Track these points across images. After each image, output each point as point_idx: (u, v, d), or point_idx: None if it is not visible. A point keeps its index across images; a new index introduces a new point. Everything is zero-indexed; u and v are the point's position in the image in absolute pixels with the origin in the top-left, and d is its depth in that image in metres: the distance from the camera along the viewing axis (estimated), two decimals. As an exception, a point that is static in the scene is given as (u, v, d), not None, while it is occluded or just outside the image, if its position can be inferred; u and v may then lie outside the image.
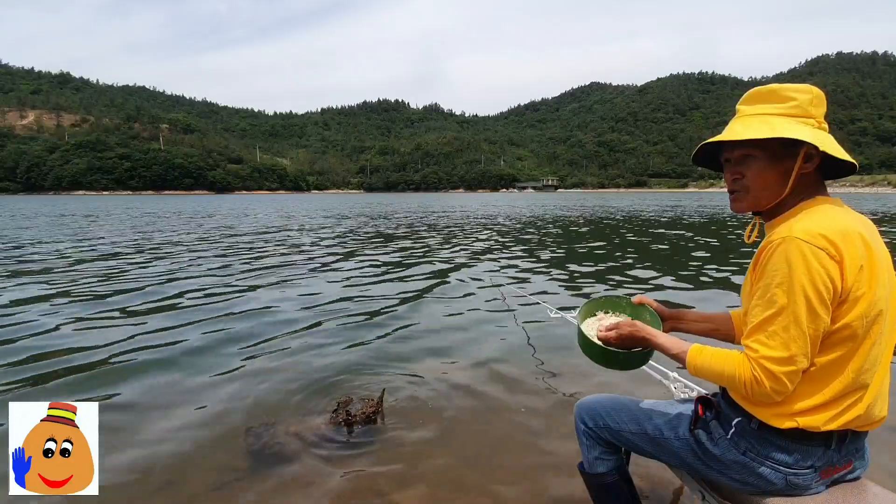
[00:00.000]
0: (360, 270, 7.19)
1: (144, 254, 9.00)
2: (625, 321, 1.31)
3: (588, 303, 1.48)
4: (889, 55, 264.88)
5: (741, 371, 1.02)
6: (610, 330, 1.28)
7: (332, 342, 3.78)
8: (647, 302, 1.42)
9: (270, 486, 1.97)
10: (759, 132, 1.06)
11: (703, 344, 1.15)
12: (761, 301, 1.02)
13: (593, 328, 1.39)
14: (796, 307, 0.97)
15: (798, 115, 1.07)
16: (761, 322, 1.01)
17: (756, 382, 1.00)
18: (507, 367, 3.28)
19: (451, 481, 2.01)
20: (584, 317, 1.45)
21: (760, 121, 1.08)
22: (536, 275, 6.79)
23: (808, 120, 1.07)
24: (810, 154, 1.05)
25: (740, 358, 1.04)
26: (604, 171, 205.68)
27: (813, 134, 1.04)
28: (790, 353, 0.98)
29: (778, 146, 1.07)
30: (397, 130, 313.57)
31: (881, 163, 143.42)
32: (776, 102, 1.09)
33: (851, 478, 1.14)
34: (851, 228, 1.01)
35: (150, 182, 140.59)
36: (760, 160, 1.09)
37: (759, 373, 1.00)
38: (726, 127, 1.13)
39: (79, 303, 5.08)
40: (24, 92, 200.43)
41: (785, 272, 0.98)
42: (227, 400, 2.77)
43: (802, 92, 1.07)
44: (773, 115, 1.08)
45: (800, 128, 1.05)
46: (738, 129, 1.10)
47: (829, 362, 1.02)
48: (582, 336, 1.35)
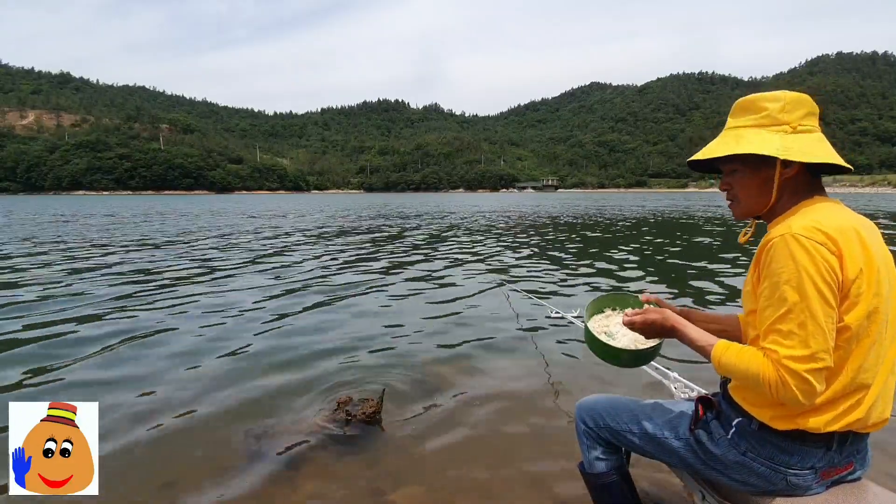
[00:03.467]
0: (360, 270, 7.18)
1: (143, 252, 9.01)
2: (652, 308, 1.28)
3: (596, 299, 1.48)
4: (889, 55, 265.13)
5: (767, 372, 0.99)
6: (637, 314, 1.26)
7: (332, 342, 3.77)
8: (655, 300, 1.41)
9: (270, 486, 1.97)
10: (728, 148, 1.10)
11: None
12: (771, 301, 1.01)
13: (601, 325, 1.38)
14: (809, 301, 0.96)
15: (769, 125, 1.09)
16: (774, 321, 1.00)
17: (782, 384, 0.97)
18: (507, 366, 3.27)
19: (450, 481, 2.01)
20: (591, 313, 1.44)
21: (732, 135, 1.12)
22: (537, 275, 6.78)
23: (780, 127, 1.08)
24: (787, 161, 1.07)
25: (766, 358, 1.01)
26: (604, 171, 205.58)
27: (780, 142, 1.06)
28: (811, 350, 0.96)
29: (754, 158, 1.09)
30: (397, 130, 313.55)
31: (881, 163, 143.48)
32: (752, 113, 1.11)
33: (852, 479, 1.13)
34: (847, 225, 1.01)
35: (150, 182, 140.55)
36: (743, 172, 1.13)
37: (784, 373, 0.97)
38: (712, 142, 1.17)
39: (79, 302, 5.08)
40: (24, 92, 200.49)
41: (791, 268, 0.98)
42: (226, 400, 2.77)
43: (773, 100, 1.09)
44: (746, 127, 1.11)
45: (768, 137, 1.07)
46: (712, 146, 1.14)
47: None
48: (589, 333, 1.34)
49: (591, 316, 1.44)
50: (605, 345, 1.29)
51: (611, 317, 1.43)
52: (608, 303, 1.48)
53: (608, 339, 1.33)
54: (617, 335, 1.35)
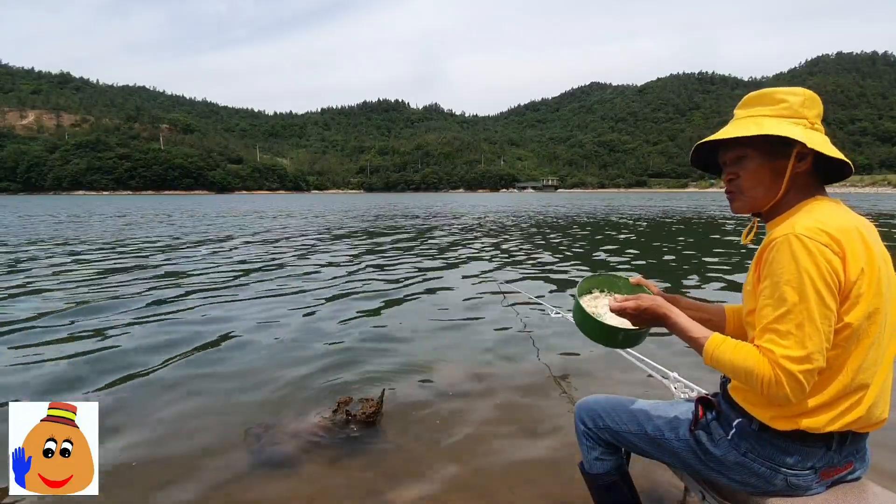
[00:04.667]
0: (359, 270, 7.18)
1: (143, 252, 9.02)
2: (645, 295, 1.27)
3: (586, 279, 1.45)
4: (889, 55, 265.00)
5: (762, 369, 0.99)
6: (628, 300, 1.24)
7: (332, 342, 3.77)
8: (645, 283, 1.41)
9: (270, 486, 1.98)
10: (749, 131, 1.08)
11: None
12: (771, 300, 1.01)
13: (588, 306, 1.36)
14: (808, 303, 0.97)
15: (789, 116, 1.09)
16: (773, 321, 1.00)
17: (776, 383, 0.98)
18: (507, 366, 3.27)
19: (450, 481, 2.01)
20: (581, 292, 1.43)
21: (751, 121, 1.11)
22: (538, 275, 6.78)
23: (800, 120, 1.09)
24: (803, 153, 1.07)
25: (761, 355, 1.01)
26: (604, 171, 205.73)
27: (803, 133, 1.06)
28: (807, 350, 0.97)
29: (770, 146, 1.09)
30: (397, 130, 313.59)
31: (881, 163, 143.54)
32: (768, 105, 1.11)
33: (851, 478, 1.14)
34: (851, 226, 1.01)
35: (150, 182, 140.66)
36: (754, 160, 1.11)
37: (780, 372, 0.98)
38: (720, 130, 1.16)
39: (78, 302, 5.07)
40: (24, 92, 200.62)
41: (792, 269, 0.98)
42: (226, 400, 2.77)
43: (793, 94, 1.10)
44: (764, 116, 1.10)
45: (790, 127, 1.07)
46: (729, 129, 1.13)
47: (830, 363, 1.02)
48: (579, 311, 1.31)
49: (581, 296, 1.41)
50: (599, 323, 1.26)
51: (599, 298, 1.42)
52: (598, 283, 1.46)
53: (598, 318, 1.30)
54: (604, 317, 1.32)
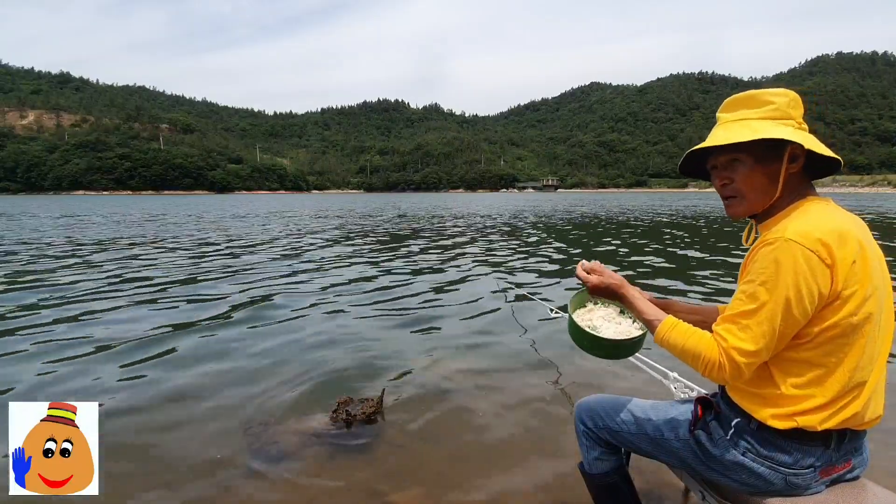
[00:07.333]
0: (359, 270, 7.18)
1: (144, 252, 9.02)
2: (611, 272, 1.31)
3: (578, 293, 1.48)
4: (889, 55, 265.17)
5: (709, 353, 1.05)
6: (595, 274, 1.31)
7: (332, 342, 3.78)
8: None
9: (269, 485, 1.98)
10: (742, 136, 1.08)
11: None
12: (743, 295, 1.04)
13: (584, 319, 1.40)
14: (775, 307, 0.99)
15: (778, 118, 1.10)
16: (738, 314, 1.04)
17: (719, 367, 1.04)
18: (508, 367, 3.28)
19: (450, 481, 2.01)
20: (575, 307, 1.46)
21: (742, 125, 1.10)
22: (538, 275, 6.79)
23: (789, 121, 1.09)
24: (795, 154, 1.08)
25: (712, 341, 1.07)
26: (604, 171, 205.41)
27: (796, 134, 1.07)
28: (758, 347, 1.01)
29: (763, 148, 1.09)
30: (397, 130, 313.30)
31: (881, 163, 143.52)
32: (755, 107, 1.11)
33: (851, 477, 1.14)
34: (845, 228, 1.02)
35: (150, 182, 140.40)
36: (747, 164, 1.11)
37: (725, 360, 1.03)
38: (709, 135, 1.16)
39: (77, 302, 5.08)
40: (24, 92, 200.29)
41: (772, 272, 1.00)
42: (226, 400, 2.77)
43: (780, 95, 1.10)
44: (754, 118, 1.10)
45: (781, 129, 1.07)
46: (720, 135, 1.12)
47: (826, 362, 1.03)
48: (572, 324, 1.35)
49: (575, 309, 1.45)
50: (592, 336, 1.30)
51: (593, 311, 1.45)
52: (589, 296, 1.48)
53: (593, 332, 1.34)
54: (601, 328, 1.37)
